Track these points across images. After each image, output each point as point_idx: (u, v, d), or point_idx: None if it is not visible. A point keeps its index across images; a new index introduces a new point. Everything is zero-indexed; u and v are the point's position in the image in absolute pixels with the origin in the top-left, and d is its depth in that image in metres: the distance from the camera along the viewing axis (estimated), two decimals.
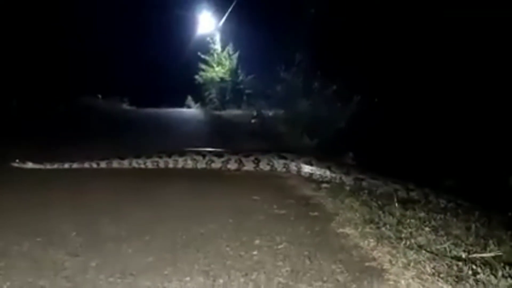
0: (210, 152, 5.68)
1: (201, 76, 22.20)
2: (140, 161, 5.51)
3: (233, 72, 21.10)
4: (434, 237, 2.89)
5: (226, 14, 20.72)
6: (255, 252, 2.64)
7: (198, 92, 23.13)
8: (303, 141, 7.67)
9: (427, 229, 3.06)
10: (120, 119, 15.16)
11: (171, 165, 5.55)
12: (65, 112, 15.84)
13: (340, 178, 5.04)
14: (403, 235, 2.91)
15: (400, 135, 8.69)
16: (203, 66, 21.89)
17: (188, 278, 2.25)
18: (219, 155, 5.56)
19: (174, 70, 24.10)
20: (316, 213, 3.56)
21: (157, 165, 5.54)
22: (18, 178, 4.78)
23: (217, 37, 21.74)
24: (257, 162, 5.42)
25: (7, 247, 2.59)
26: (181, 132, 11.53)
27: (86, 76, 21.99)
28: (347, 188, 4.44)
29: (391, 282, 2.28)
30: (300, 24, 12.40)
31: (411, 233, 2.97)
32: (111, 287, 2.13)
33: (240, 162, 5.44)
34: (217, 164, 5.49)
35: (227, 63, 21.21)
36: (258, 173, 5.37)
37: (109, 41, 24.49)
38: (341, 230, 3.11)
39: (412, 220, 3.31)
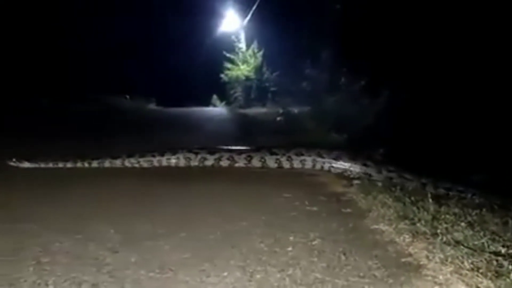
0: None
1: (226, 74, 22.35)
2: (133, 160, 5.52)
3: (258, 70, 21.16)
4: (471, 232, 2.84)
5: (251, 12, 20.77)
6: (289, 248, 2.66)
7: (223, 91, 23.31)
8: (331, 138, 7.64)
9: (463, 224, 3.01)
10: (147, 119, 15.41)
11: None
12: (94, 112, 16.16)
13: (371, 174, 5.00)
14: (438, 231, 2.87)
15: (429, 130, 8.56)
16: (228, 65, 22.02)
17: (225, 274, 2.29)
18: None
19: (200, 70, 24.36)
20: (348, 210, 3.56)
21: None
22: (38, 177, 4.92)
23: (242, 36, 21.84)
24: (290, 159, 5.41)
25: (49, 244, 2.67)
26: (206, 130, 11.64)
27: (114, 77, 22.42)
28: (379, 184, 4.40)
29: (429, 278, 2.26)
30: (325, 20, 12.32)
31: (446, 228, 2.93)
32: (152, 282, 2.19)
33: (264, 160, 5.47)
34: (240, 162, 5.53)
35: (252, 61, 21.28)
36: (289, 171, 5.38)
37: (136, 42, 24.88)
38: (375, 226, 3.09)
39: (447, 216, 3.26)
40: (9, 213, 3.37)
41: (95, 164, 5.43)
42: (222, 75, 22.71)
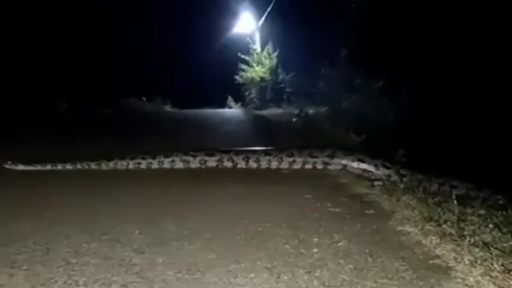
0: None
1: (241, 76, 22.35)
2: (124, 162, 5.53)
3: (273, 71, 21.11)
4: (499, 234, 2.80)
5: (266, 14, 20.77)
6: (315, 250, 2.65)
7: (238, 92, 23.33)
8: (349, 138, 7.60)
9: (490, 226, 2.97)
10: (164, 120, 15.52)
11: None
12: (111, 114, 16.34)
13: (392, 176, 4.95)
14: (465, 233, 2.83)
15: (449, 131, 8.45)
16: (243, 66, 22.03)
17: (252, 275, 2.29)
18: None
19: (215, 72, 24.45)
20: (372, 211, 3.54)
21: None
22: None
23: (257, 37, 21.84)
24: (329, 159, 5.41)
25: (77, 246, 2.71)
26: (222, 131, 11.68)
27: (131, 79, 22.67)
28: (401, 185, 4.36)
29: (459, 280, 2.23)
30: (342, 20, 12.26)
31: (474, 230, 2.88)
32: (180, 283, 2.20)
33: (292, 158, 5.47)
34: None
35: (267, 62, 21.24)
36: (308, 172, 5.38)
37: (151, 44, 25.10)
38: (400, 228, 3.07)
39: (473, 217, 3.21)
40: (34, 215, 3.41)
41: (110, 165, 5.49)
42: (237, 77, 22.73)
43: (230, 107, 23.80)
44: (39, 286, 2.14)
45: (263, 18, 21.42)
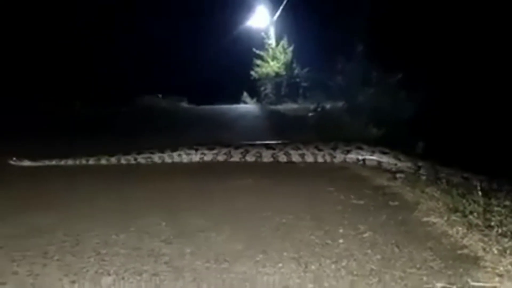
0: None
1: (256, 71, 22.39)
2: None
3: (288, 66, 21.10)
4: None
5: (280, 8, 20.72)
6: (341, 241, 2.65)
7: (253, 88, 23.38)
8: (369, 132, 7.56)
9: None
10: (181, 117, 15.62)
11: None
12: (128, 111, 16.48)
13: (414, 168, 4.92)
14: (492, 223, 2.81)
15: (470, 123, 8.35)
16: (258, 62, 22.05)
17: (280, 265, 2.31)
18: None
19: (230, 68, 24.52)
20: (396, 203, 3.52)
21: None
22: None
23: (272, 32, 21.82)
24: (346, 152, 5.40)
25: (106, 237, 2.75)
26: (237, 126, 11.72)
27: (146, 76, 22.84)
28: (424, 177, 4.34)
29: (489, 269, 2.21)
30: (357, 13, 12.17)
31: (500, 221, 2.86)
32: (209, 272, 2.23)
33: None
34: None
35: (282, 57, 21.24)
36: (327, 165, 5.37)
37: (167, 41, 25.23)
38: (425, 219, 3.05)
39: (499, 208, 3.18)
40: (60, 208, 3.48)
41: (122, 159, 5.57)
42: (252, 72, 22.75)
43: (245, 103, 23.86)
44: (72, 275, 2.18)
45: (277, 13, 21.37)
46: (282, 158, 5.51)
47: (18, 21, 17.32)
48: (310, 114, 13.12)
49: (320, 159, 5.43)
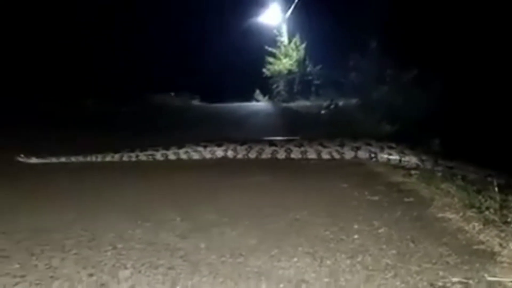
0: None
1: (268, 69, 22.37)
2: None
3: (301, 63, 21.05)
4: None
5: (293, 5, 20.66)
6: (356, 236, 2.65)
7: (266, 86, 23.36)
8: (383, 128, 7.51)
9: None
10: (193, 115, 15.69)
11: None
12: (141, 110, 16.56)
13: (429, 164, 4.88)
14: (509, 219, 2.78)
15: (484, 120, 8.26)
16: (270, 59, 22.03)
17: (295, 259, 2.31)
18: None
19: (242, 65, 24.50)
20: (411, 199, 3.50)
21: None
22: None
23: (284, 29, 21.77)
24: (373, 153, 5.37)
25: (121, 232, 2.78)
26: (250, 124, 11.73)
27: (159, 74, 22.96)
28: (439, 174, 4.30)
29: (505, 265, 2.20)
30: (371, 9, 12.08)
31: None
32: (225, 266, 2.24)
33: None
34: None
35: (294, 54, 21.19)
36: (340, 161, 5.36)
37: (181, 40, 25.32)
38: (441, 214, 3.03)
39: None
40: (75, 204, 3.52)
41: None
42: (264, 70, 22.73)
43: (257, 101, 23.87)
44: (89, 269, 2.21)
45: (290, 10, 21.31)
46: (297, 155, 5.49)
47: (28, 21, 17.46)
48: (322, 112, 13.09)
49: (343, 156, 5.41)
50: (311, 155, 5.44)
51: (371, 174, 4.66)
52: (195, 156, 5.66)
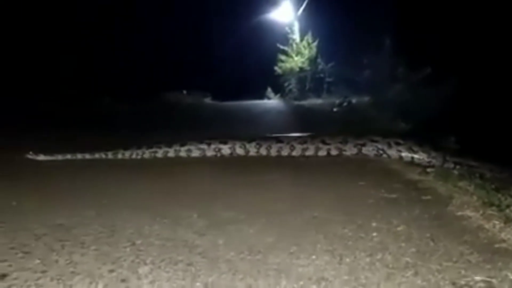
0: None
1: (280, 67, 22.28)
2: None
3: (313, 61, 20.91)
4: None
5: (305, 3, 20.56)
6: (374, 234, 2.63)
7: (277, 84, 23.25)
8: (397, 126, 7.45)
9: None
10: (206, 113, 15.72)
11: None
12: (155, 107, 16.62)
13: (445, 162, 4.84)
14: None
15: (499, 119, 8.15)
16: (282, 57, 21.94)
17: (314, 257, 2.31)
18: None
19: (254, 63, 24.46)
20: (428, 197, 3.47)
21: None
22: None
23: (296, 27, 21.67)
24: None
25: (139, 228, 2.80)
26: (262, 122, 11.72)
27: (173, 73, 23.05)
28: (456, 172, 4.26)
29: None
30: (385, 6, 11.98)
31: None
32: (244, 263, 2.24)
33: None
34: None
35: (306, 52, 21.06)
36: (357, 159, 5.33)
37: (192, 38, 25.38)
38: (460, 213, 3.00)
39: None
40: (92, 201, 3.54)
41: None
42: (276, 68, 22.67)
43: (269, 98, 23.77)
44: (110, 265, 2.23)
45: (302, 7, 21.21)
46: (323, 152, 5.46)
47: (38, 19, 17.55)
48: (335, 109, 13.03)
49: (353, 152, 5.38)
50: (333, 152, 5.41)
51: (387, 172, 4.62)
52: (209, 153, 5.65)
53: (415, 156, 5.08)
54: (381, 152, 5.24)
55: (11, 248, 2.46)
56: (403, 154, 5.13)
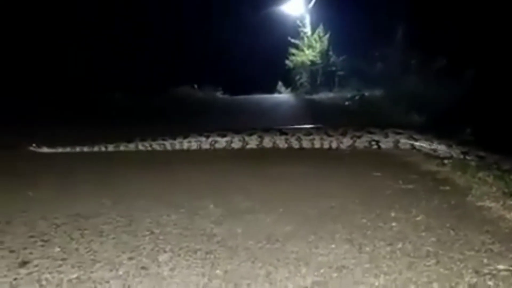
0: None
1: (291, 61, 22.20)
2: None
3: (324, 54, 20.79)
4: None
5: None
6: (394, 224, 2.61)
7: (288, 77, 23.20)
8: (412, 119, 7.38)
9: None
10: (218, 107, 15.74)
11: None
12: (167, 101, 16.65)
13: (462, 154, 4.78)
14: None
15: None
16: (293, 51, 21.85)
17: (333, 246, 2.29)
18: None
19: (264, 57, 24.39)
20: (447, 187, 3.43)
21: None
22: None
23: (307, 20, 21.54)
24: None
25: (158, 217, 2.81)
26: (274, 116, 11.69)
27: (183, 67, 23.07)
28: (473, 163, 4.21)
29: None
30: None
31: None
32: (263, 251, 2.24)
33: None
34: None
35: (317, 45, 20.94)
36: (370, 151, 5.30)
37: (203, 32, 25.37)
38: (480, 203, 2.96)
39: None
40: (109, 191, 3.55)
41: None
42: (286, 61, 22.59)
43: (280, 92, 23.73)
44: (129, 253, 2.24)
45: (313, 0, 21.07)
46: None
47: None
48: (347, 103, 12.95)
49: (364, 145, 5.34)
50: (344, 144, 5.37)
51: (403, 163, 4.58)
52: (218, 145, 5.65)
53: (432, 147, 5.03)
54: (394, 144, 5.20)
55: (31, 237, 2.48)
56: (419, 145, 5.08)
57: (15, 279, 1.95)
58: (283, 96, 22.13)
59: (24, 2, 16.48)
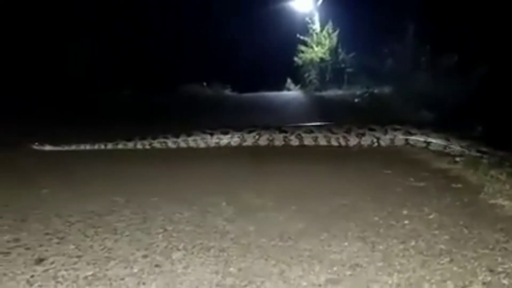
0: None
1: (300, 58, 22.10)
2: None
3: (333, 52, 20.66)
4: None
5: None
6: (406, 222, 2.61)
7: (297, 75, 23.10)
8: (422, 116, 7.33)
9: None
10: (228, 104, 15.74)
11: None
12: (176, 99, 16.69)
13: (473, 151, 4.74)
14: None
15: None
16: (302, 48, 21.76)
17: (346, 243, 2.30)
18: None
19: (273, 54, 24.34)
20: (459, 185, 3.42)
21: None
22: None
23: (316, 17, 21.43)
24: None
25: (170, 215, 2.83)
26: (284, 113, 11.66)
27: (190, 65, 23.10)
28: (485, 160, 4.18)
29: None
30: None
31: None
32: (276, 249, 2.25)
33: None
34: None
35: (326, 42, 20.82)
36: (382, 148, 5.28)
37: (211, 29, 25.39)
38: (493, 201, 2.94)
39: None
40: (121, 189, 3.57)
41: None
42: (295, 59, 22.50)
43: (289, 90, 23.63)
44: (143, 250, 2.26)
45: None
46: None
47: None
48: (356, 100, 12.90)
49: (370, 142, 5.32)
50: (353, 141, 5.36)
51: (413, 161, 4.56)
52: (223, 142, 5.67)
53: (444, 144, 5.00)
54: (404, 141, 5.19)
55: (46, 234, 2.51)
56: (432, 142, 5.05)
57: (32, 276, 1.98)
58: (292, 93, 22.06)
59: (24, 2, 16.56)
